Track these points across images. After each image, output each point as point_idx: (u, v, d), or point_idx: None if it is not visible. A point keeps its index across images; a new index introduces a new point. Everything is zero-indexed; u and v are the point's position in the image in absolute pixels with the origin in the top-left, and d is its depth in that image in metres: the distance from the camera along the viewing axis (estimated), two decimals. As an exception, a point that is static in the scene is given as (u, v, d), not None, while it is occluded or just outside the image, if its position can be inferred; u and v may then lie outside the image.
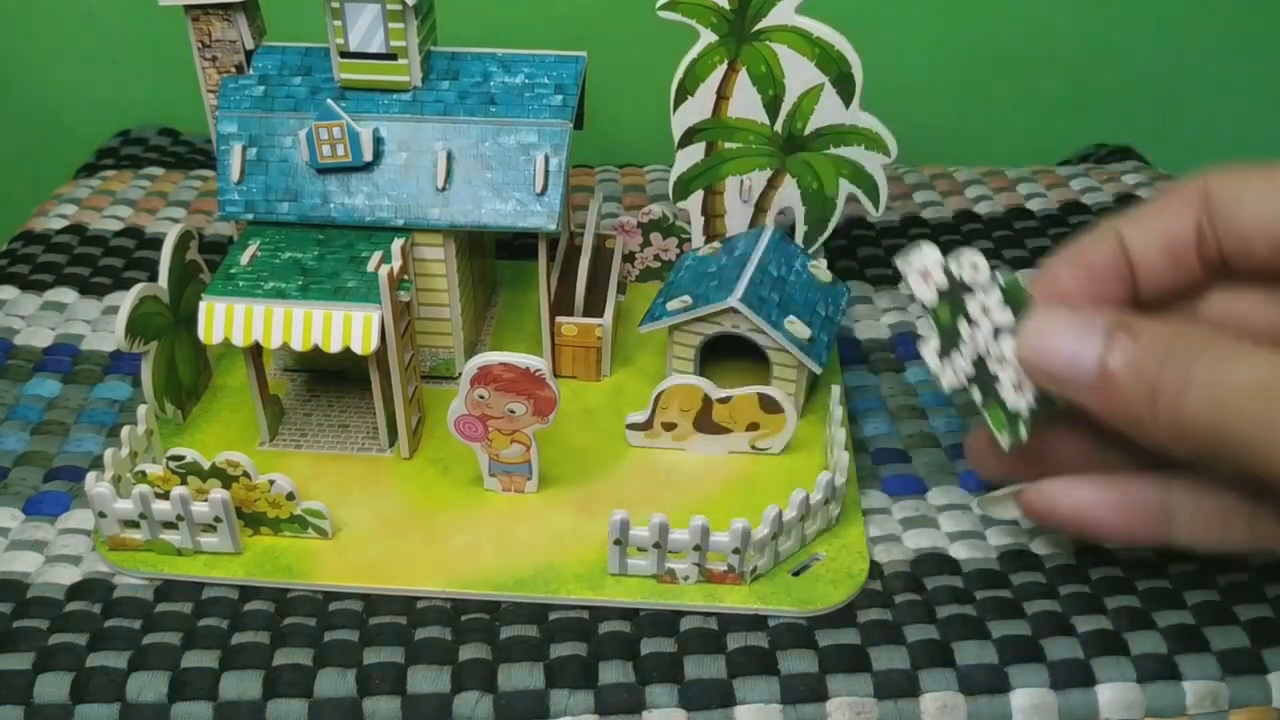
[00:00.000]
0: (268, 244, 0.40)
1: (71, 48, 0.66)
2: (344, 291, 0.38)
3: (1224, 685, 0.34)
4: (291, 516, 0.37)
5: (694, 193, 0.46)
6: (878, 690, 0.33)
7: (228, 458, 0.35)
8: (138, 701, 0.32)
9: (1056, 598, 0.36)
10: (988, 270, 0.34)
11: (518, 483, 0.39)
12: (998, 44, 0.67)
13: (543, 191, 0.40)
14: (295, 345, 0.37)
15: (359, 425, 0.42)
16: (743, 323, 0.40)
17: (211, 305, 0.37)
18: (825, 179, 0.45)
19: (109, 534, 0.36)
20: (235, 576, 0.36)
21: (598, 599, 0.35)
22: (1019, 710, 0.33)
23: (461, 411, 0.37)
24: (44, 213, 0.55)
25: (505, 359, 0.36)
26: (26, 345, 0.46)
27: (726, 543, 0.35)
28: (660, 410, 0.40)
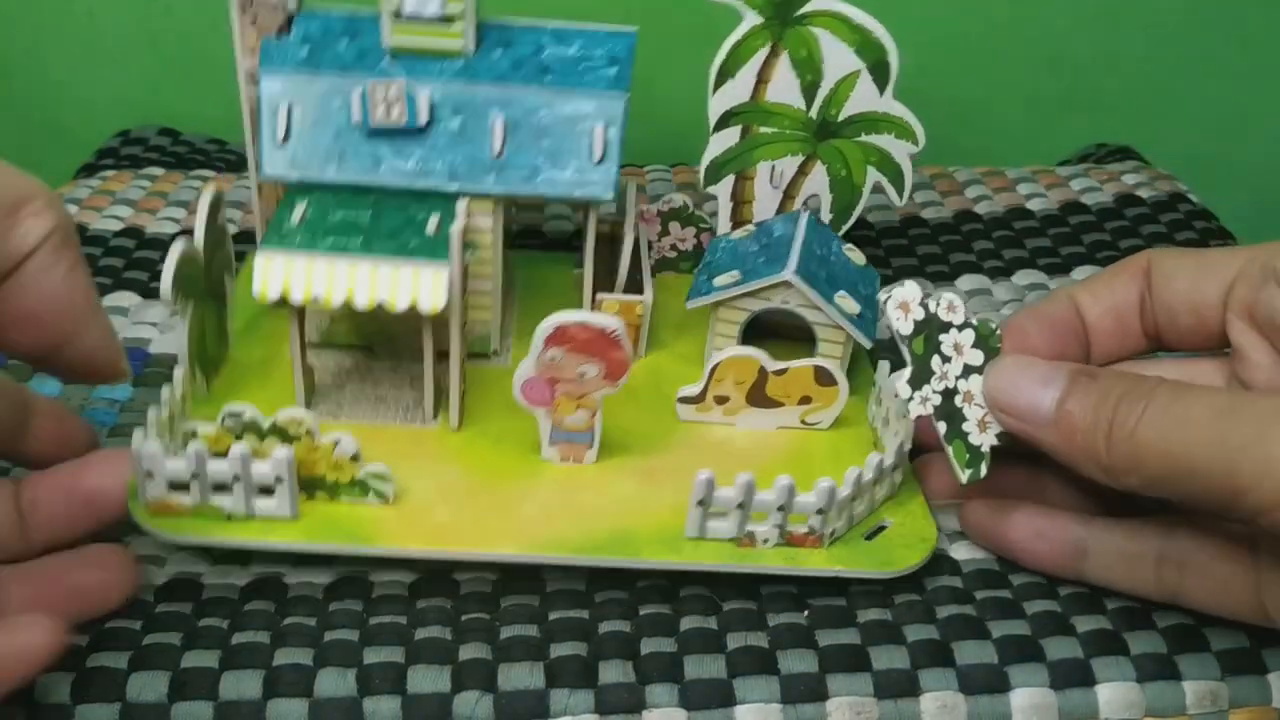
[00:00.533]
0: (316, 205, 0.38)
1: (72, 48, 0.66)
2: (408, 250, 0.36)
3: (1224, 685, 0.34)
4: (353, 480, 0.35)
5: (725, 178, 0.46)
6: (878, 690, 0.34)
7: (291, 415, 0.34)
8: (138, 701, 0.32)
9: (1056, 598, 0.36)
10: (964, 311, 0.36)
11: (577, 451, 0.38)
12: (998, 44, 0.67)
13: (601, 161, 0.39)
14: (359, 302, 0.36)
15: (396, 398, 0.41)
16: (794, 297, 0.40)
17: (269, 259, 0.36)
18: (854, 166, 0.46)
19: (152, 497, 0.34)
20: (293, 541, 0.35)
21: (678, 563, 0.35)
22: (1019, 710, 0.33)
23: (530, 375, 0.36)
24: (44, 213, 0.55)
25: (583, 318, 0.35)
26: (27, 345, 0.46)
27: (812, 502, 0.35)
28: (715, 383, 0.40)
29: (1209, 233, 0.55)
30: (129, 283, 0.50)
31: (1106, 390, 0.32)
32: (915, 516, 0.38)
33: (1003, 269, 0.53)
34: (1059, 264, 0.53)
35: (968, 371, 0.36)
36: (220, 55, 0.65)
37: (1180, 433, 0.30)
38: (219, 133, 0.64)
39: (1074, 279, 0.52)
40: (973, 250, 0.55)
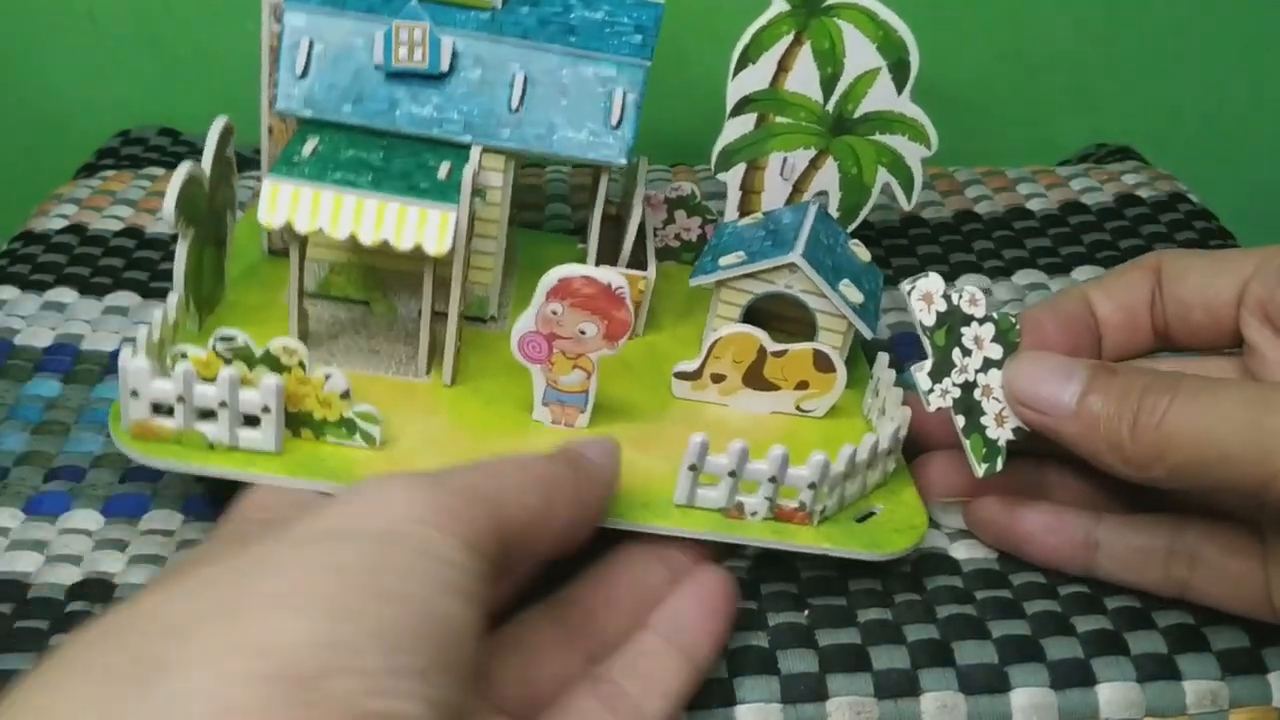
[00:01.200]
0: (328, 142, 0.38)
1: (72, 48, 0.66)
2: (418, 191, 0.36)
3: (1224, 685, 0.34)
4: (341, 419, 0.35)
5: (736, 165, 0.46)
6: (878, 690, 0.34)
7: (284, 344, 0.33)
8: (138, 701, 0.32)
9: (1056, 598, 0.36)
10: (985, 305, 0.36)
11: (570, 414, 0.38)
12: (997, 44, 0.67)
13: (618, 125, 0.39)
14: (364, 237, 0.35)
15: (390, 352, 0.40)
16: (798, 281, 0.40)
17: (276, 186, 0.35)
18: (865, 165, 0.46)
19: (135, 418, 0.33)
20: (276, 474, 0.34)
21: (664, 526, 0.35)
22: (1019, 710, 0.33)
23: (530, 329, 0.36)
24: (44, 213, 0.55)
25: (588, 272, 0.35)
26: (26, 345, 0.46)
27: (804, 475, 0.34)
28: (713, 359, 0.40)
29: (1209, 233, 0.55)
30: (129, 283, 0.50)
31: (1129, 383, 0.33)
32: (906, 505, 0.38)
33: (1003, 269, 0.53)
34: (1059, 264, 0.53)
35: (987, 365, 0.36)
36: (220, 55, 0.66)
37: (1210, 421, 0.31)
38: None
39: (1074, 279, 0.52)
40: (973, 250, 0.55)
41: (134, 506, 0.39)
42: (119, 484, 0.40)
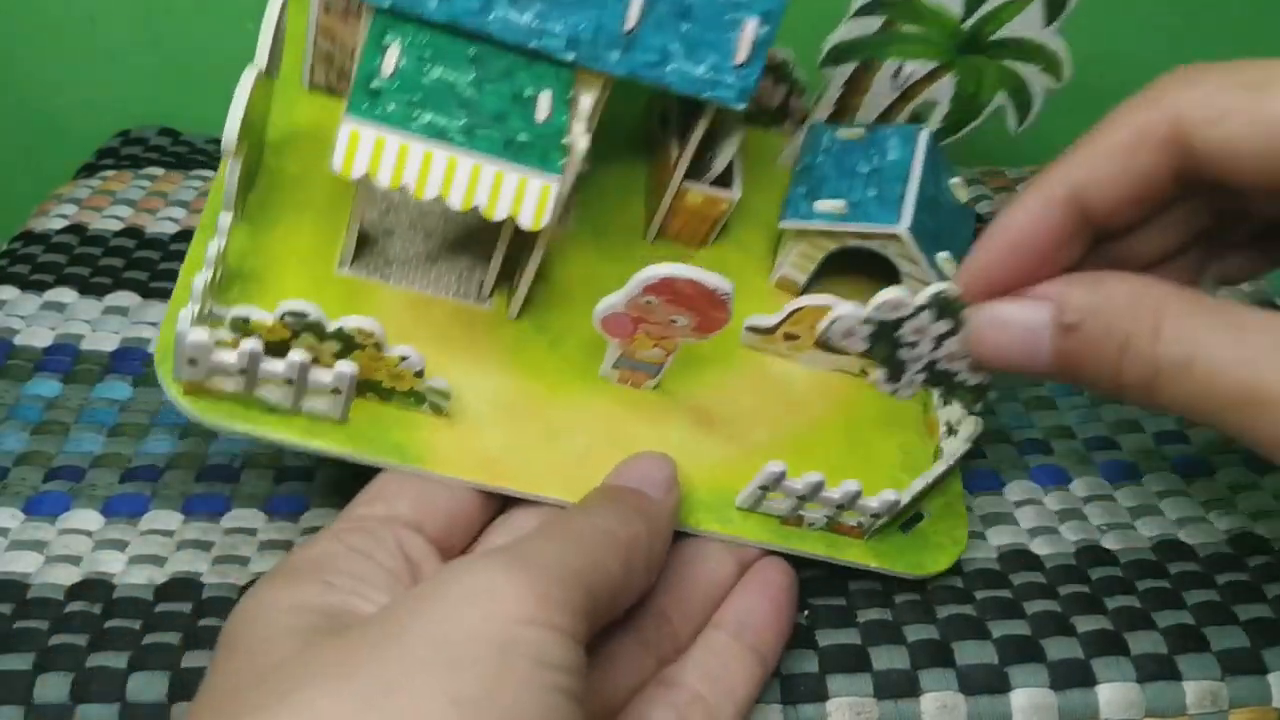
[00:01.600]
0: (411, 49, 0.32)
1: (72, 48, 0.66)
2: (517, 147, 0.32)
3: (1224, 685, 0.34)
4: (411, 391, 0.33)
5: (848, 63, 0.42)
6: (878, 690, 0.34)
7: (359, 325, 0.31)
8: (138, 701, 0.32)
9: (1056, 598, 0.36)
10: (910, 303, 0.33)
11: (639, 378, 0.36)
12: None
13: (743, 64, 0.34)
14: (454, 202, 0.31)
15: (448, 261, 0.37)
16: (895, 247, 0.38)
17: (357, 133, 0.31)
18: (985, 87, 0.43)
19: (189, 379, 0.31)
20: (340, 448, 0.32)
21: (724, 534, 0.35)
22: (1019, 710, 0.33)
23: (617, 310, 0.33)
24: (44, 213, 0.55)
25: (694, 276, 0.32)
26: (26, 345, 0.46)
27: (872, 506, 0.34)
28: (790, 323, 0.38)
29: (1209, 233, 0.55)
30: (129, 283, 0.50)
31: (1102, 312, 0.28)
32: (951, 513, 0.37)
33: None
34: (1059, 264, 0.53)
35: (941, 340, 0.33)
36: (220, 55, 0.66)
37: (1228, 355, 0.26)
38: (219, 133, 0.64)
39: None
40: (973, 250, 0.55)
41: (134, 506, 0.39)
42: (119, 484, 0.40)
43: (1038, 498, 0.41)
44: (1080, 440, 0.43)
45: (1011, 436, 0.43)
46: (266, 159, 0.38)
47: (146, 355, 0.46)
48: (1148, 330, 0.28)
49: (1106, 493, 0.41)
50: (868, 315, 0.33)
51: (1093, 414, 0.44)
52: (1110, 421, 0.44)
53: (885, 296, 0.33)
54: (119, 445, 0.41)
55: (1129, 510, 0.40)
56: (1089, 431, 0.43)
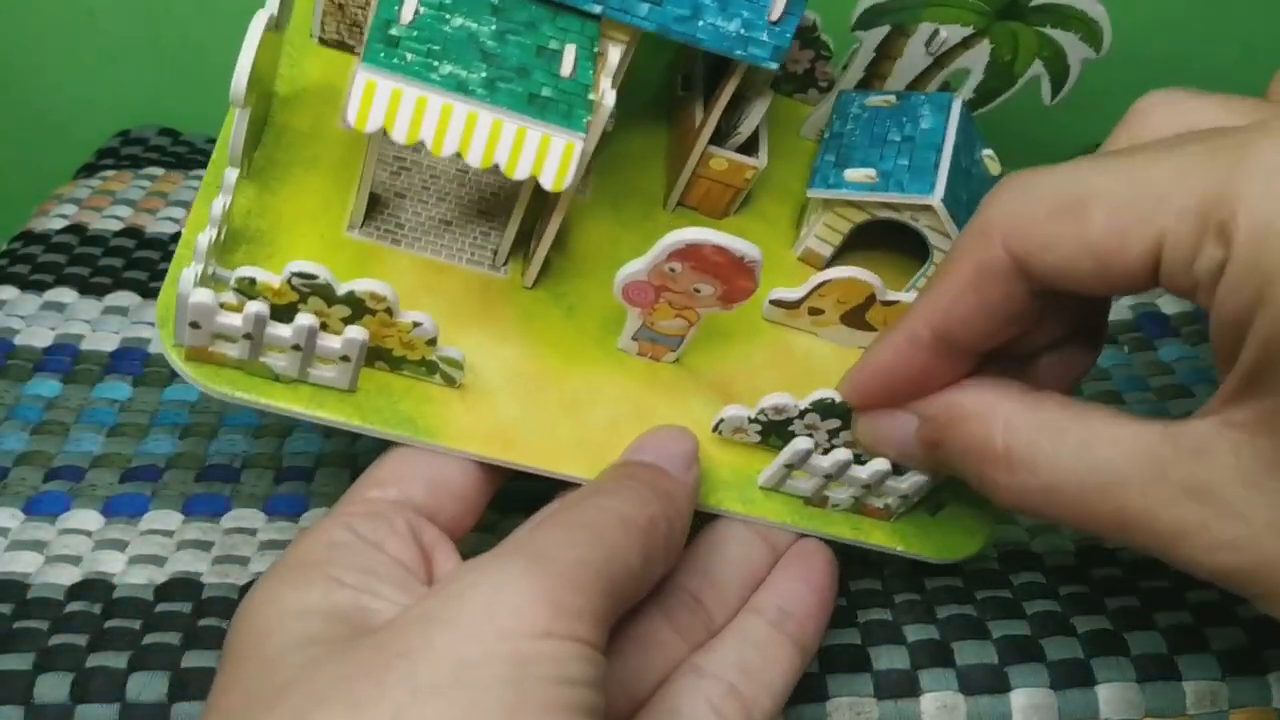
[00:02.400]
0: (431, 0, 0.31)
1: (71, 48, 0.66)
2: (540, 102, 0.30)
3: (1224, 685, 0.34)
4: (423, 360, 0.31)
5: (880, 26, 0.41)
6: (878, 690, 0.34)
7: (371, 289, 0.29)
8: (138, 701, 0.32)
9: (1056, 598, 0.36)
10: (795, 406, 0.33)
11: (659, 350, 0.35)
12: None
13: (777, 21, 0.33)
14: (473, 160, 0.30)
15: (462, 226, 0.35)
16: (927, 218, 0.37)
17: (374, 83, 0.29)
18: (1022, 54, 0.41)
19: (193, 344, 0.29)
20: (347, 420, 0.31)
21: (746, 514, 0.34)
22: (1019, 710, 0.33)
23: (639, 278, 0.32)
24: (44, 213, 0.55)
25: (721, 241, 0.30)
26: (26, 345, 0.46)
27: (901, 488, 0.34)
28: (816, 296, 0.37)
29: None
30: (129, 283, 0.50)
31: (957, 437, 0.30)
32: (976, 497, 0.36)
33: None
34: (1059, 264, 0.53)
35: (833, 434, 0.34)
36: (221, 55, 0.66)
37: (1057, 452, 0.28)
38: (219, 133, 0.64)
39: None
40: (973, 250, 0.55)
41: (134, 506, 0.39)
42: (119, 484, 0.40)
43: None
44: (1080, 440, 0.43)
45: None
46: (274, 114, 0.37)
47: (146, 355, 0.46)
48: (1001, 463, 0.29)
49: (1106, 493, 0.41)
50: (753, 416, 0.33)
51: (1093, 414, 0.44)
52: (1110, 421, 0.44)
53: (769, 401, 0.33)
54: (119, 445, 0.41)
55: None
56: (1089, 431, 0.43)
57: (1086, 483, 0.27)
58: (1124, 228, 0.26)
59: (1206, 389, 0.45)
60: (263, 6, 0.37)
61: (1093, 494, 0.27)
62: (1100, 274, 0.27)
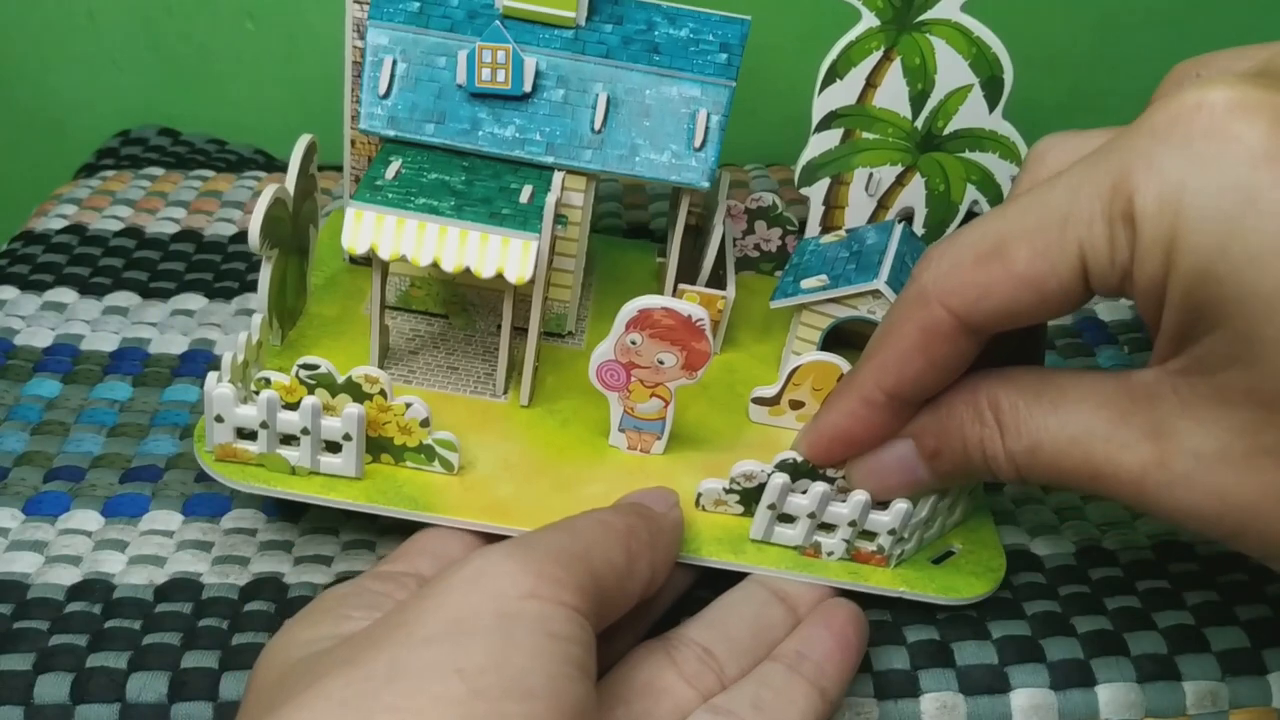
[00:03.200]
0: (411, 163, 0.38)
1: (71, 48, 0.66)
2: (500, 217, 0.36)
3: (1224, 685, 0.34)
4: (420, 445, 0.35)
5: (820, 180, 0.45)
6: (878, 690, 0.34)
7: (366, 373, 0.34)
8: (138, 702, 0.32)
9: (1056, 598, 0.37)
10: (763, 470, 0.35)
11: (646, 441, 0.38)
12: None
13: (700, 148, 0.39)
14: (447, 264, 0.35)
15: (468, 369, 0.41)
16: (881, 306, 0.40)
17: (360, 212, 0.35)
18: (953, 182, 0.45)
19: (219, 442, 0.34)
20: (355, 501, 0.35)
21: (738, 564, 0.35)
22: (1019, 710, 0.33)
23: (608, 357, 0.36)
24: (44, 213, 0.55)
25: (668, 304, 0.35)
26: (26, 345, 0.46)
27: (885, 522, 0.34)
28: (791, 387, 0.40)
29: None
30: (129, 283, 0.50)
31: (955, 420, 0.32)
32: (985, 546, 0.37)
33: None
34: (1059, 264, 0.53)
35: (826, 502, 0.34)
36: (221, 55, 0.66)
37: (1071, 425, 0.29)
38: (219, 133, 0.64)
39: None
40: (973, 250, 0.55)
41: (134, 507, 0.39)
42: (119, 484, 0.40)
43: (1038, 497, 0.41)
44: (1080, 440, 0.43)
45: (1011, 437, 0.43)
46: (309, 306, 0.43)
47: (146, 355, 0.46)
48: (993, 430, 0.31)
49: (1106, 493, 0.41)
50: (728, 486, 0.35)
51: (1093, 414, 0.44)
52: (1110, 422, 0.44)
53: (738, 469, 0.35)
54: (119, 445, 0.41)
55: (1129, 510, 0.40)
56: (1089, 432, 0.43)
57: (1059, 438, 0.29)
58: (1045, 252, 0.28)
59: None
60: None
61: (1066, 447, 0.29)
62: (1039, 303, 0.28)
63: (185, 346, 0.47)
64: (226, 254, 0.52)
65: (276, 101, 0.66)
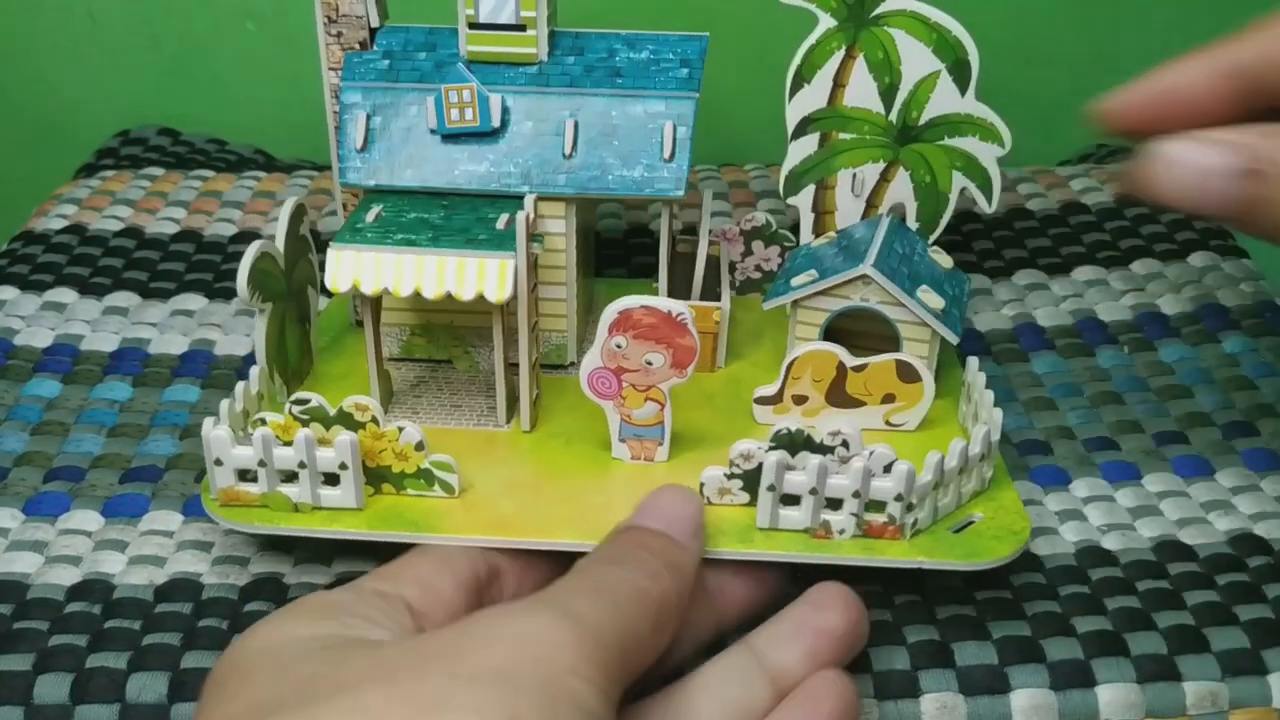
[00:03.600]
0: (391, 208, 0.39)
1: (71, 48, 0.66)
2: (476, 242, 0.37)
3: (1224, 686, 0.34)
4: (418, 470, 0.35)
5: (805, 188, 0.45)
6: (878, 690, 0.33)
7: (355, 401, 0.34)
8: (138, 702, 0.32)
9: (1056, 598, 0.36)
10: (759, 447, 0.34)
11: (648, 449, 0.38)
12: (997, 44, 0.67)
13: (670, 158, 0.40)
14: (427, 292, 0.36)
15: (472, 405, 0.41)
16: (874, 294, 0.40)
17: (340, 251, 0.37)
18: (939, 172, 0.45)
19: (222, 486, 0.35)
20: (359, 530, 0.35)
21: (749, 552, 0.34)
22: (1019, 711, 0.33)
23: (596, 365, 0.36)
24: (44, 213, 0.55)
25: (647, 302, 0.35)
26: (26, 345, 0.46)
27: (889, 488, 0.34)
28: (792, 381, 0.39)
29: (1209, 232, 0.55)
30: (129, 283, 0.50)
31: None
32: (1006, 510, 0.37)
33: (1003, 269, 0.53)
34: (1059, 264, 0.53)
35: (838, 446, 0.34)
36: (221, 55, 0.66)
37: None
38: (219, 133, 0.64)
39: (1074, 279, 0.52)
40: (973, 250, 0.55)
41: (134, 507, 0.39)
42: (119, 484, 0.40)
43: (1038, 498, 0.41)
44: (1080, 441, 0.43)
45: (1011, 438, 0.43)
46: (316, 366, 0.43)
47: (146, 355, 0.46)
48: None
49: (1106, 493, 0.41)
50: (728, 471, 0.35)
51: (1093, 414, 0.44)
52: (1110, 422, 0.44)
53: (736, 450, 0.35)
54: (119, 445, 0.41)
55: (1129, 510, 0.40)
56: (1089, 432, 0.43)
57: None
58: None
59: (1206, 389, 0.45)
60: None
61: None
62: None
63: (185, 347, 0.47)
64: (226, 254, 0.52)
65: (276, 101, 0.66)
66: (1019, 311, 0.50)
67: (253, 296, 0.37)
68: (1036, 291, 0.52)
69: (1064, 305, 0.51)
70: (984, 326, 0.49)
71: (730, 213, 0.56)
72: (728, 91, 0.54)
